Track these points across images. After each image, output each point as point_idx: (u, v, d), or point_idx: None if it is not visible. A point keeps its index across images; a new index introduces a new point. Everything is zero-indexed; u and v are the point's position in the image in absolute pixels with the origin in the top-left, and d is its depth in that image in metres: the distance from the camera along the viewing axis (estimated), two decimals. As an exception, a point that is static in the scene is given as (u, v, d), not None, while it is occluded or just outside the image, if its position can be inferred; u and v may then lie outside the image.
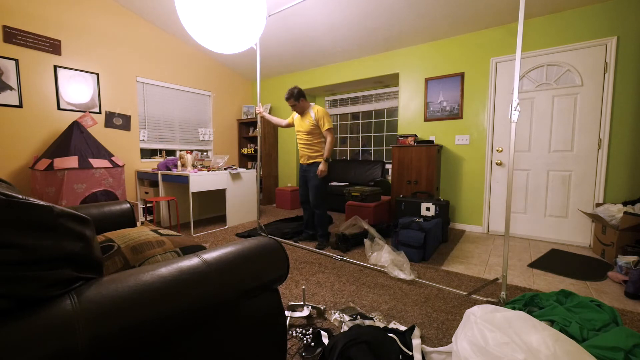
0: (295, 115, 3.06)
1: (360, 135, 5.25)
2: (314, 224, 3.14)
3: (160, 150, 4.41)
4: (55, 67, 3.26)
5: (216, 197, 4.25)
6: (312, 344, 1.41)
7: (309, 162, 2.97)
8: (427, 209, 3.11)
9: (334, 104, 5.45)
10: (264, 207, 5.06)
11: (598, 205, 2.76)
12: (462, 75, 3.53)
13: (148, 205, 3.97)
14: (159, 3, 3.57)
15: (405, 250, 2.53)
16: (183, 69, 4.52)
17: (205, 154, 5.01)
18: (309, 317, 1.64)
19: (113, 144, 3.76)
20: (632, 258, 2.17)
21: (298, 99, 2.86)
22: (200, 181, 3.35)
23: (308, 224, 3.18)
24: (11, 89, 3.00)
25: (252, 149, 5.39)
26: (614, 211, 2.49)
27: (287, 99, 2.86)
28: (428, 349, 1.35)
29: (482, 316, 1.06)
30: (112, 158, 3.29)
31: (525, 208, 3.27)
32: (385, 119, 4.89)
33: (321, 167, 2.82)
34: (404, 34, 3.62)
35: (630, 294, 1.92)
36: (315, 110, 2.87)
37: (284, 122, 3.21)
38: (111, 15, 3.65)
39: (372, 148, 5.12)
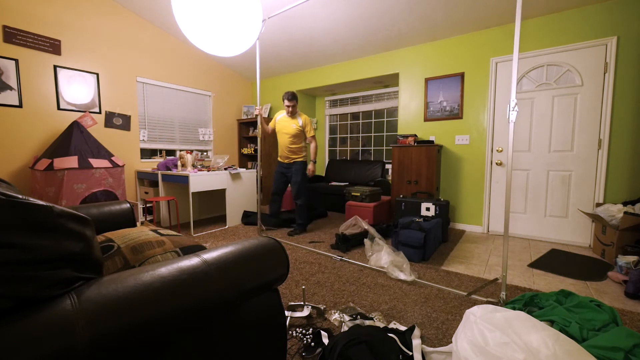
0: (278, 117, 3.37)
1: (360, 135, 5.25)
2: (280, 214, 3.64)
3: (160, 150, 4.41)
4: (55, 67, 3.26)
5: (216, 197, 4.25)
6: (312, 344, 1.41)
7: (291, 161, 3.37)
8: (427, 209, 3.11)
9: (334, 104, 5.45)
10: (264, 207, 5.06)
11: (598, 205, 2.76)
12: (462, 75, 3.53)
13: (148, 205, 3.97)
14: (158, 3, 3.57)
15: (405, 250, 2.53)
16: (183, 69, 4.52)
17: (205, 154, 5.01)
18: (309, 317, 1.64)
19: (113, 144, 3.76)
20: (632, 258, 2.17)
21: (298, 101, 3.33)
22: (200, 181, 3.35)
23: (274, 214, 3.55)
24: (11, 89, 3.00)
25: (252, 149, 5.39)
26: (614, 211, 2.49)
27: (290, 99, 3.21)
28: (428, 349, 1.35)
29: (482, 316, 1.06)
30: (112, 158, 3.29)
31: (525, 208, 3.27)
32: (385, 119, 4.90)
33: (311, 167, 3.36)
34: (404, 34, 3.62)
35: (630, 294, 1.92)
36: (303, 117, 3.31)
37: (270, 129, 3.46)
38: (111, 15, 3.65)
39: (372, 148, 5.12)
